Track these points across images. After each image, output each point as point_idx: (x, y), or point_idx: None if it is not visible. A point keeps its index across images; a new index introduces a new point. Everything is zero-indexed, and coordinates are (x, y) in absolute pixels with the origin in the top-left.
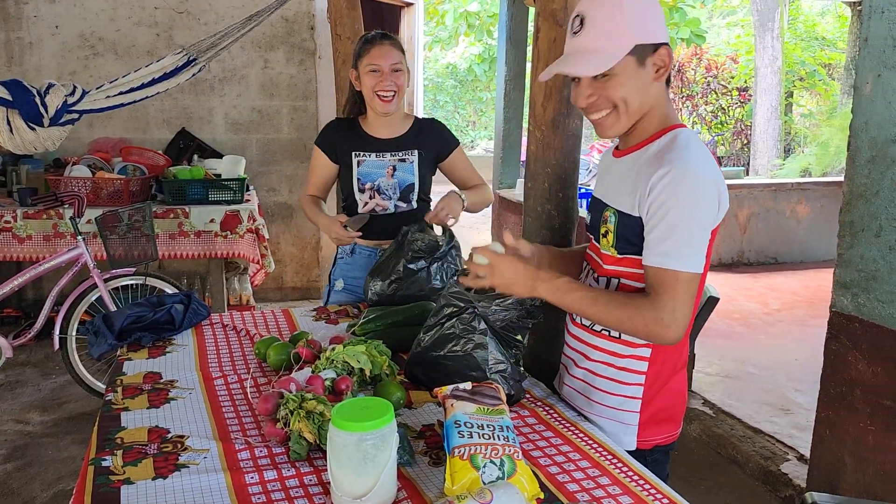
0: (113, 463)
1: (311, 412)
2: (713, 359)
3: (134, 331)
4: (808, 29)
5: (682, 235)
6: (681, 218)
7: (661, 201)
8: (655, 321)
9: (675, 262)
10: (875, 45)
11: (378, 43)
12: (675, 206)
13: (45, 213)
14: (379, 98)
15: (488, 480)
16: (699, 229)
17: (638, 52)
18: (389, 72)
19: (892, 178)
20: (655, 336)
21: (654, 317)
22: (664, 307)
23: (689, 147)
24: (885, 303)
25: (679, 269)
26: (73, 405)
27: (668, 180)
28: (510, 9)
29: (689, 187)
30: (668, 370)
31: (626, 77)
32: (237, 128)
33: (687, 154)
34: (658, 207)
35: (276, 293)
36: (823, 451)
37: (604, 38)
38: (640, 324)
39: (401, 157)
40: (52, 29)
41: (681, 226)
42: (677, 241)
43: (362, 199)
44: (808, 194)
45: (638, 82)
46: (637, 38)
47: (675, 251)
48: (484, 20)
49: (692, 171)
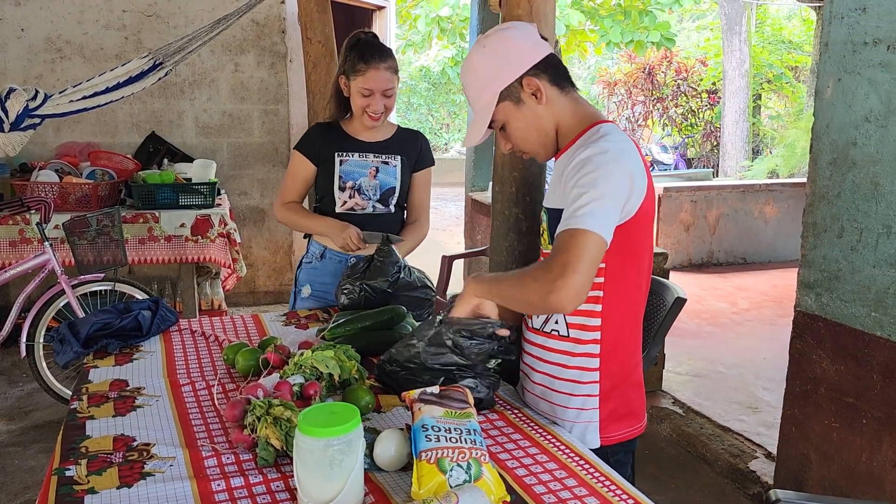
0: (77, 472)
1: (279, 418)
2: (683, 358)
3: (100, 338)
4: (776, 32)
5: (585, 201)
6: (586, 189)
7: (573, 181)
8: (548, 282)
9: (575, 223)
10: (835, 49)
11: (374, 66)
12: (581, 181)
13: (10, 218)
14: (368, 116)
15: (455, 484)
16: (607, 199)
17: (507, 95)
18: (381, 96)
19: (852, 181)
20: (548, 298)
21: (546, 277)
22: (556, 264)
23: (606, 135)
24: (848, 302)
25: (578, 228)
26: (40, 413)
27: (579, 161)
28: (480, 13)
29: (598, 163)
30: (621, 364)
31: (513, 120)
32: (208, 131)
33: (602, 139)
34: (574, 185)
35: (248, 297)
36: (790, 448)
37: (476, 101)
38: (536, 288)
39: (384, 159)
40: (17, 32)
41: (585, 195)
42: (580, 206)
43: (341, 198)
44: (776, 195)
45: (526, 118)
46: (497, 87)
47: (577, 215)
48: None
49: (601, 149)
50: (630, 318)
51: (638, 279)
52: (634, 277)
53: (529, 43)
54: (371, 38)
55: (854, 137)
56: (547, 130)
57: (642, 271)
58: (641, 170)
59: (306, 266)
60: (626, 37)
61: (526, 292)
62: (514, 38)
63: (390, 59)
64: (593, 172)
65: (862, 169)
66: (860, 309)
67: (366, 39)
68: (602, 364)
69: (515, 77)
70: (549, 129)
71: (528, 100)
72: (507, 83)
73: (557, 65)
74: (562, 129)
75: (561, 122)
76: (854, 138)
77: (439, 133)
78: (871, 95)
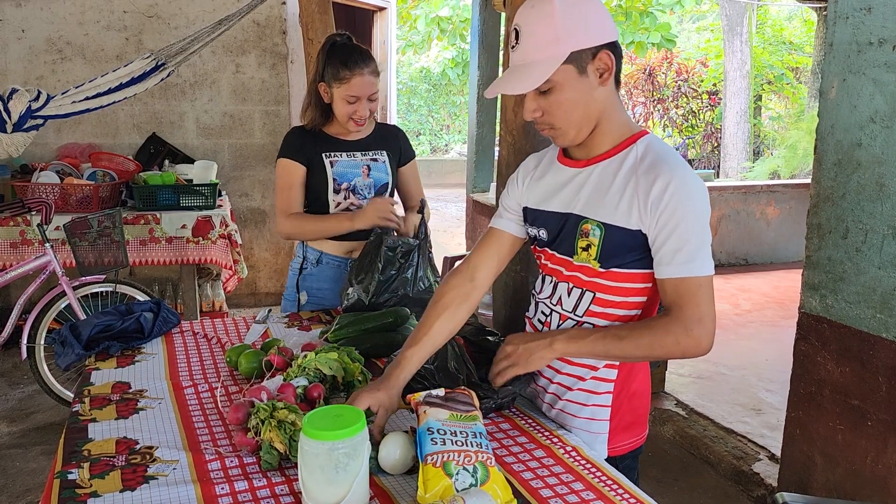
0: (79, 476)
1: (283, 421)
2: (685, 360)
3: (102, 340)
4: (776, 33)
5: (696, 241)
6: (693, 225)
7: (670, 211)
8: (686, 335)
9: (696, 269)
10: (840, 49)
11: (358, 73)
12: (685, 215)
13: (11, 220)
14: (353, 122)
15: (461, 488)
16: (707, 233)
17: (575, 59)
18: (367, 101)
19: (857, 181)
20: (689, 351)
21: (684, 331)
22: (691, 318)
23: (671, 153)
24: (853, 304)
25: (699, 275)
26: (41, 415)
27: (673, 190)
28: (482, 14)
29: (693, 194)
30: (634, 377)
31: (568, 88)
32: (209, 133)
33: (676, 161)
34: (669, 218)
35: (249, 299)
36: (794, 450)
37: (538, 50)
38: (671, 343)
39: (372, 156)
40: (18, 33)
41: (694, 232)
42: (693, 248)
43: (336, 200)
44: (778, 196)
45: (580, 92)
46: (572, 46)
47: (693, 258)
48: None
49: (691, 177)
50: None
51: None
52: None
53: (608, 17)
54: (349, 42)
55: (859, 138)
56: (591, 115)
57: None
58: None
59: (303, 271)
60: (626, 38)
61: (661, 353)
62: (597, 3)
63: (372, 62)
64: (694, 208)
65: (867, 170)
66: (865, 310)
67: (343, 43)
68: (618, 376)
69: (595, 44)
70: (593, 114)
71: (592, 75)
72: (585, 46)
73: (621, 56)
74: (602, 125)
75: (604, 117)
76: (859, 139)
77: (439, 134)
78: (876, 96)
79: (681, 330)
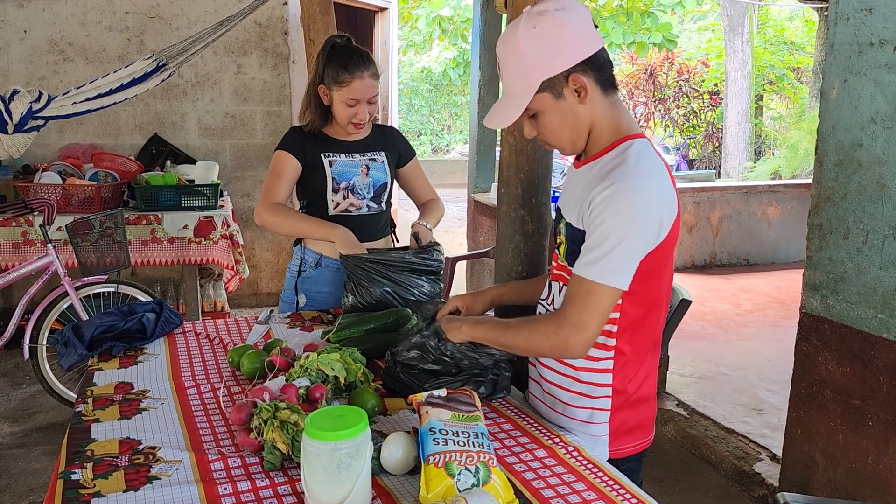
0: (83, 476)
1: (285, 422)
2: (687, 360)
3: (104, 340)
4: (777, 33)
5: (606, 247)
6: (611, 232)
7: (596, 214)
8: (556, 334)
9: (594, 273)
10: (841, 50)
11: (358, 76)
12: (607, 220)
13: (13, 220)
14: (353, 125)
15: (463, 488)
16: (628, 247)
17: (548, 86)
18: (366, 104)
19: (858, 182)
20: (556, 349)
21: (555, 329)
22: (568, 319)
23: (638, 162)
24: (854, 304)
25: (595, 281)
26: (43, 415)
27: (607, 195)
28: (483, 14)
29: (626, 204)
30: (634, 380)
31: (549, 113)
32: (210, 133)
33: (633, 169)
34: (593, 220)
35: (251, 299)
36: (795, 450)
37: (513, 83)
38: (541, 339)
39: (371, 156)
40: (20, 34)
41: (610, 240)
42: (600, 253)
43: (334, 200)
44: (779, 196)
45: (562, 114)
46: (541, 75)
47: (595, 262)
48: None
49: (633, 187)
50: (648, 337)
51: (658, 298)
52: (654, 297)
53: (584, 31)
54: (349, 44)
55: (860, 139)
56: (580, 130)
57: (662, 289)
58: (671, 203)
59: (302, 273)
60: (627, 38)
61: (535, 347)
62: (570, 22)
63: (372, 64)
64: (621, 216)
65: (868, 170)
66: (866, 311)
67: (343, 45)
68: (615, 379)
69: (563, 69)
70: (583, 129)
71: (569, 96)
72: (552, 74)
73: (605, 63)
74: (594, 132)
75: (595, 126)
76: (860, 139)
77: (441, 134)
78: (877, 97)
79: (552, 328)
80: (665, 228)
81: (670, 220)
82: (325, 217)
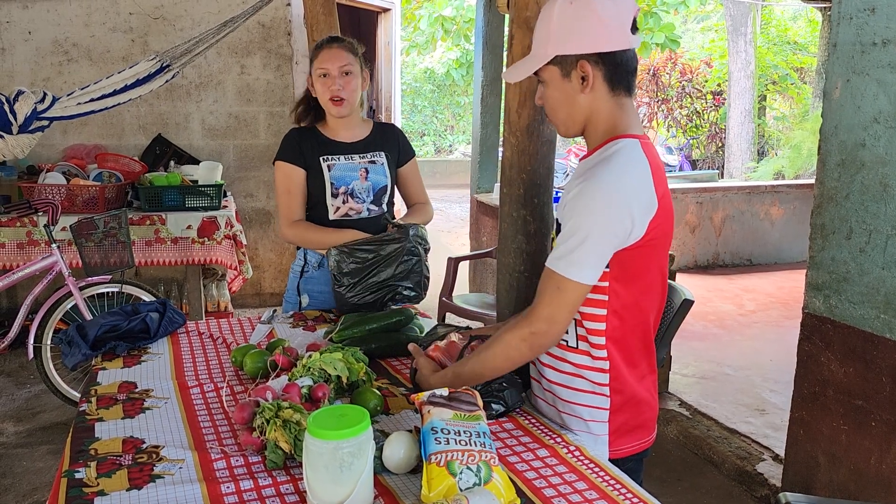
0: (86, 475)
1: (288, 421)
2: (689, 360)
3: (108, 340)
4: (781, 33)
5: (573, 242)
6: (580, 225)
7: (569, 209)
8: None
9: (561, 267)
10: (844, 50)
11: (326, 46)
12: (576, 216)
13: (18, 220)
14: (331, 102)
15: (465, 487)
16: (593, 243)
17: (560, 62)
18: (339, 75)
19: (861, 182)
20: (534, 346)
21: (527, 327)
22: (539, 313)
23: (616, 160)
24: (857, 304)
25: (562, 274)
26: (47, 415)
27: (578, 191)
28: (486, 15)
29: (594, 200)
30: (632, 378)
31: (552, 87)
32: (214, 134)
33: (608, 167)
34: (565, 215)
35: (254, 299)
36: (798, 450)
37: (537, 45)
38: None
39: (370, 158)
40: (24, 35)
41: (576, 232)
42: (568, 247)
43: (334, 205)
44: (782, 196)
45: (563, 93)
46: (557, 49)
47: (563, 256)
48: (460, 25)
49: (604, 184)
50: (638, 339)
51: (644, 299)
52: (640, 299)
53: (614, 26)
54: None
55: (863, 139)
56: (575, 117)
57: (650, 290)
58: (648, 198)
59: (304, 273)
60: None
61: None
62: (601, 11)
63: (343, 40)
64: (589, 211)
65: (871, 170)
66: (869, 311)
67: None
68: (612, 379)
69: (575, 52)
70: (578, 116)
71: (575, 80)
72: (565, 52)
73: (624, 65)
74: (590, 126)
75: (592, 120)
76: (863, 139)
77: (444, 135)
78: (880, 96)
79: (525, 329)
80: (639, 227)
81: (646, 219)
82: (325, 221)
